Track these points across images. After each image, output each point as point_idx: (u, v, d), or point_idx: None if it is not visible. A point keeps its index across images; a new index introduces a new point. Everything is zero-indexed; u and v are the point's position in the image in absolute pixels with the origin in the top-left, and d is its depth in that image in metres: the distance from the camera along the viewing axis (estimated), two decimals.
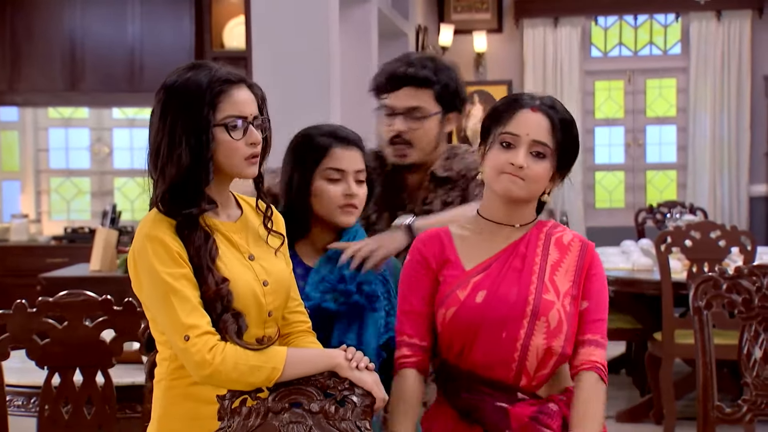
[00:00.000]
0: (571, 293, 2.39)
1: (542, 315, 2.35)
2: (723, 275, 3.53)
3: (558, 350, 2.37)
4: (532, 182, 2.38)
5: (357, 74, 6.24)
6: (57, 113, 9.11)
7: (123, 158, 9.08)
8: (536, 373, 2.38)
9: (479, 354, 2.38)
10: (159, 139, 2.26)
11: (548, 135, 2.38)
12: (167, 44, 8.19)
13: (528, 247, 2.43)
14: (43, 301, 3.07)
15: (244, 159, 2.28)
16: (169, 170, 2.25)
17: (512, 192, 2.39)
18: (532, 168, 2.37)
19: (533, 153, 2.38)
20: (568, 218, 7.33)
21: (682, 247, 5.65)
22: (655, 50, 9.89)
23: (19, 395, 3.46)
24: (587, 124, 9.89)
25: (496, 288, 2.39)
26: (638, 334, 6.29)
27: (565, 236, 2.46)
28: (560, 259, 2.41)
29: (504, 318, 2.36)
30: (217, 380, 2.16)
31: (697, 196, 9.43)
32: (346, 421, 2.09)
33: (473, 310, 2.37)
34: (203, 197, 2.27)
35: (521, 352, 2.36)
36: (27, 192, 9.01)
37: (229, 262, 2.28)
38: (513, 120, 2.39)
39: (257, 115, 2.30)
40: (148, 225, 2.26)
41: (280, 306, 2.38)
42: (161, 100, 2.27)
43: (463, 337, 2.39)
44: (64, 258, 8.00)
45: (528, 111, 2.39)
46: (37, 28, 8.32)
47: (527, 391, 2.39)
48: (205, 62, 2.32)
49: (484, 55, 9.76)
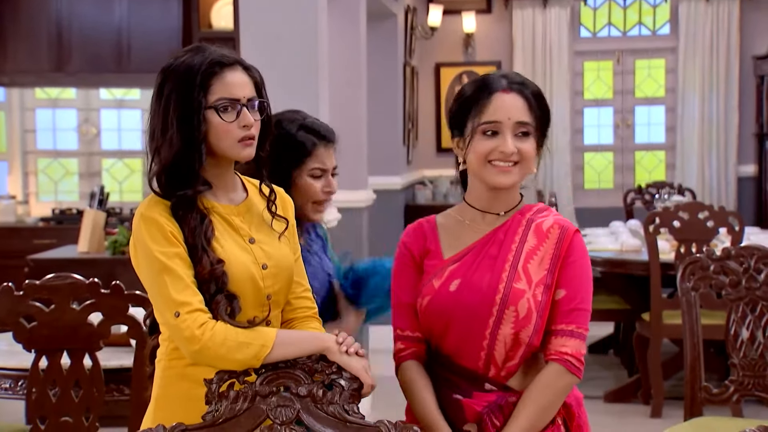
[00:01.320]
0: (545, 282, 2.34)
1: (511, 304, 2.32)
2: (710, 256, 3.54)
3: (525, 340, 2.33)
4: (524, 163, 2.36)
5: (345, 55, 6.22)
6: (44, 94, 9.06)
7: (111, 139, 9.03)
8: (505, 363, 2.35)
9: (452, 342, 2.37)
10: (154, 121, 2.28)
11: (527, 113, 2.36)
12: (155, 25, 8.16)
13: (507, 234, 2.40)
14: (30, 284, 3.06)
15: (237, 141, 2.28)
16: (163, 152, 2.26)
17: (504, 183, 2.37)
18: (522, 150, 2.35)
19: (518, 134, 2.36)
20: (557, 199, 7.33)
21: (670, 227, 5.67)
22: (644, 30, 9.88)
23: (7, 378, 3.46)
24: (576, 104, 9.89)
25: (470, 276, 2.37)
26: (626, 315, 6.31)
27: (546, 222, 2.41)
28: (537, 246, 2.37)
29: (475, 306, 2.34)
30: (206, 356, 2.17)
31: (686, 176, 9.44)
32: (333, 404, 2.08)
33: (446, 298, 2.36)
34: (198, 179, 2.28)
35: (489, 341, 2.33)
36: (14, 173, 8.97)
37: (226, 244, 2.29)
38: (489, 107, 2.35)
39: (252, 98, 2.30)
40: (144, 206, 2.28)
41: (281, 290, 2.38)
42: (158, 82, 2.29)
43: (438, 325, 2.38)
44: (51, 239, 7.97)
45: (501, 94, 2.36)
46: (23, 8, 8.26)
47: (496, 381, 2.37)
48: (204, 45, 2.33)
49: (473, 36, 9.73)
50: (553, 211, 2.48)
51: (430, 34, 9.54)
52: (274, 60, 4.68)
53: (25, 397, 3.16)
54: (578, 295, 2.36)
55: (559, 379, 2.31)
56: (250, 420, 2.08)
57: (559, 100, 9.56)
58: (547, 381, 2.32)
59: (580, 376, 2.33)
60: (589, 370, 6.77)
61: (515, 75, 2.42)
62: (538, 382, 2.32)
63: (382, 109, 7.99)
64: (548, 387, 2.31)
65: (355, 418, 2.07)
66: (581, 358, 2.34)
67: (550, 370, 2.32)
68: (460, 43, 9.76)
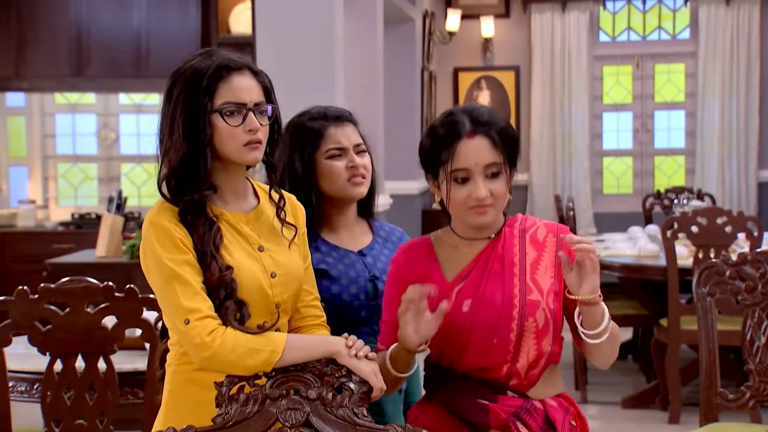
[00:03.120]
0: (554, 289, 2.38)
1: (530, 316, 2.34)
2: (726, 262, 3.52)
3: (548, 349, 2.36)
4: (498, 203, 2.38)
5: (362, 59, 6.23)
6: (64, 99, 9.11)
7: (130, 144, 9.07)
8: (528, 372, 2.37)
9: (471, 360, 2.38)
10: (163, 125, 2.30)
11: (494, 153, 2.36)
12: (173, 30, 8.18)
13: (505, 248, 2.42)
14: (45, 288, 3.07)
15: (243, 145, 2.27)
16: (170, 155, 2.27)
17: (485, 222, 2.39)
18: (494, 191, 2.37)
19: (489, 175, 2.37)
20: (574, 204, 7.30)
21: (688, 233, 5.63)
22: (663, 35, 9.85)
23: (23, 381, 3.47)
24: (595, 109, 9.86)
25: (480, 294, 2.37)
26: (644, 320, 6.28)
27: (539, 232, 2.44)
28: (538, 257, 2.40)
29: (493, 323, 2.34)
30: (216, 363, 2.17)
31: (706, 181, 9.40)
32: (343, 407, 2.08)
33: (461, 319, 2.36)
34: (204, 183, 2.27)
35: (513, 354, 2.35)
36: (34, 178, 9.02)
37: (235, 252, 2.29)
38: (456, 155, 2.36)
39: (260, 102, 2.30)
40: (153, 212, 2.29)
41: (290, 298, 2.38)
42: (167, 85, 2.30)
43: (454, 346, 2.38)
44: (71, 244, 8.00)
45: (467, 140, 2.36)
46: (43, 14, 8.31)
47: (517, 390, 2.38)
48: (214, 49, 2.34)
49: (491, 41, 9.72)
50: (537, 220, 2.51)
51: (448, 38, 9.53)
52: (290, 64, 4.70)
53: (40, 401, 3.17)
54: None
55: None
56: (260, 423, 2.08)
57: (577, 104, 9.54)
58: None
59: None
60: (607, 376, 6.76)
61: (480, 113, 2.40)
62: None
63: (400, 113, 8.00)
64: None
65: (365, 422, 2.07)
66: None
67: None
68: (478, 47, 9.75)
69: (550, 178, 9.59)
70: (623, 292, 6.51)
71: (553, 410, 2.36)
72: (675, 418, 5.68)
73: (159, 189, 2.32)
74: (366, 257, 2.81)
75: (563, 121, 9.57)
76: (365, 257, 2.81)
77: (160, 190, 2.32)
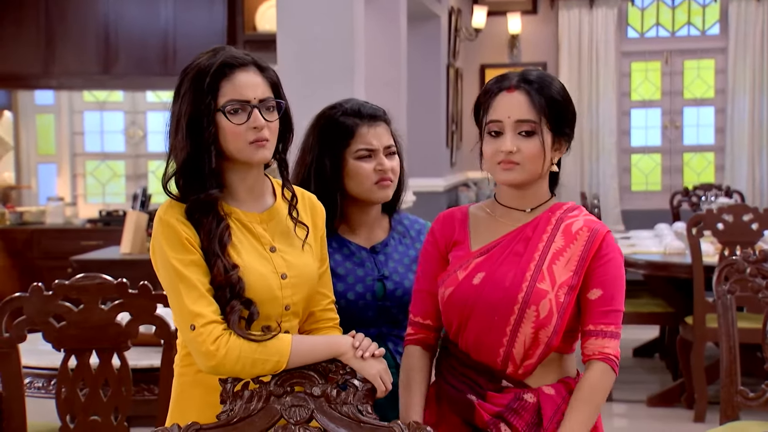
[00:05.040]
0: (570, 283, 2.32)
1: (533, 304, 2.30)
2: (747, 259, 3.48)
3: (545, 340, 2.31)
4: (527, 163, 2.34)
5: (385, 56, 6.21)
6: (92, 97, 9.17)
7: (157, 141, 9.10)
8: (523, 361, 2.33)
9: (471, 336, 2.36)
10: (171, 123, 2.27)
11: (530, 110, 2.33)
12: (200, 27, 8.22)
13: (535, 232, 2.38)
14: (59, 284, 3.09)
15: (249, 143, 2.24)
16: (176, 154, 2.25)
17: (510, 180, 2.36)
18: (523, 149, 2.33)
19: (521, 133, 2.34)
20: (599, 202, 7.24)
21: (714, 230, 5.58)
22: (693, 31, 9.76)
23: (40, 377, 3.49)
24: (623, 106, 9.79)
25: (494, 271, 2.35)
26: (670, 318, 6.23)
27: (576, 223, 2.38)
28: (564, 247, 2.35)
29: (497, 302, 2.32)
30: (222, 372, 2.16)
31: (735, 178, 9.31)
32: (347, 405, 2.08)
33: (469, 290, 2.35)
34: (211, 182, 2.24)
35: (509, 338, 2.32)
36: (63, 175, 9.09)
37: (244, 252, 2.27)
38: (493, 106, 2.35)
39: (266, 98, 2.26)
40: (162, 209, 2.27)
41: (300, 300, 2.35)
42: (177, 83, 2.28)
43: (459, 316, 2.37)
44: (98, 241, 8.06)
45: (506, 93, 2.35)
46: (71, 12, 8.37)
47: (513, 378, 2.35)
48: (221, 47, 2.30)
49: (518, 37, 9.68)
50: (583, 211, 2.45)
51: (474, 35, 9.50)
52: (310, 61, 4.69)
53: (55, 397, 3.18)
54: (616, 295, 2.35)
55: (606, 378, 2.32)
56: (264, 420, 2.09)
57: (605, 101, 9.47)
58: (595, 380, 2.31)
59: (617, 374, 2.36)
60: (633, 374, 6.72)
61: (530, 72, 2.38)
62: (587, 382, 2.31)
63: (425, 110, 7.97)
64: (597, 386, 2.31)
65: (369, 419, 2.07)
66: (619, 358, 2.36)
67: (597, 369, 2.32)
68: (505, 44, 9.70)
69: (578, 175, 9.52)
70: (648, 290, 6.46)
71: (547, 400, 2.33)
72: (701, 416, 5.64)
73: (163, 187, 2.30)
74: (378, 255, 2.76)
75: (591, 118, 9.51)
76: (377, 255, 2.76)
77: (164, 188, 2.29)
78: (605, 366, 2.31)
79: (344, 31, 4.74)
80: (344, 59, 4.73)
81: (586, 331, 2.34)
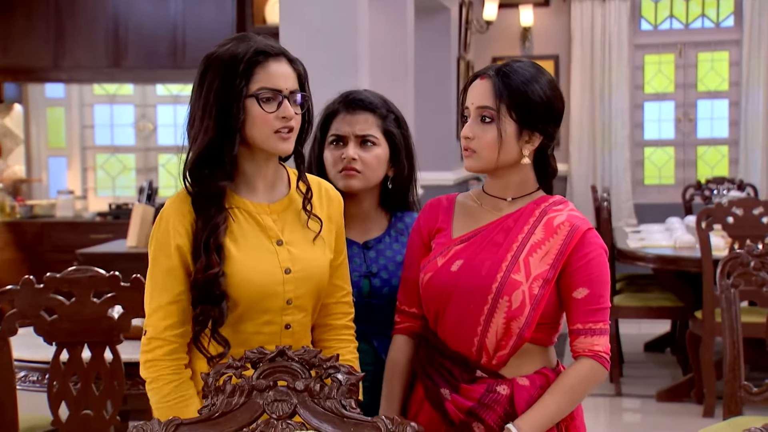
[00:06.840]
0: (545, 276, 2.31)
1: (506, 294, 2.29)
2: (751, 253, 3.43)
3: (516, 331, 2.30)
4: (482, 151, 2.34)
5: (392, 49, 6.17)
6: (102, 90, 9.17)
7: (167, 135, 9.11)
8: (496, 352, 2.33)
9: (448, 324, 2.36)
10: (194, 109, 2.25)
11: (491, 98, 2.33)
12: (209, 21, 8.19)
13: (517, 223, 2.37)
14: (50, 277, 3.07)
15: (274, 132, 2.23)
16: (199, 139, 2.22)
17: (467, 166, 2.40)
18: (480, 136, 2.34)
19: (482, 120, 2.35)
20: (609, 195, 7.18)
21: (724, 224, 5.52)
22: (707, 23, 9.67)
23: (34, 371, 3.46)
24: (636, 98, 9.71)
25: (472, 259, 2.35)
26: (680, 313, 6.17)
27: (558, 217, 2.37)
28: (543, 240, 2.34)
29: (473, 290, 2.32)
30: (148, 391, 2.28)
31: (750, 172, 9.21)
32: (331, 399, 2.04)
33: (447, 277, 2.35)
34: (224, 173, 2.23)
35: (483, 327, 2.31)
36: (73, 168, 9.09)
37: (246, 244, 2.25)
38: (467, 93, 2.39)
39: (295, 90, 2.25)
40: (170, 201, 2.27)
41: (305, 294, 2.32)
42: (200, 70, 2.25)
43: (437, 303, 2.37)
44: (108, 234, 8.05)
45: (478, 81, 2.37)
46: (81, 5, 8.36)
47: (487, 369, 2.34)
48: (249, 34, 2.29)
49: (530, 30, 9.61)
50: (569, 206, 2.43)
51: (485, 27, 9.44)
52: (313, 54, 4.64)
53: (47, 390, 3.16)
54: (602, 293, 2.35)
55: (594, 373, 2.33)
56: (246, 414, 2.04)
57: (618, 94, 9.40)
58: (582, 373, 2.32)
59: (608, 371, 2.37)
60: (644, 369, 6.67)
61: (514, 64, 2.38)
62: (574, 373, 2.32)
63: (434, 104, 7.93)
64: (583, 379, 2.32)
65: (353, 413, 2.03)
66: (609, 353, 2.36)
67: (585, 365, 2.32)
68: (517, 36, 9.64)
69: (590, 168, 9.46)
70: (658, 284, 6.41)
71: (520, 391, 2.32)
72: (710, 411, 5.58)
73: (183, 178, 2.27)
74: (369, 251, 2.68)
75: (603, 111, 9.44)
76: (368, 251, 2.68)
77: (183, 178, 2.27)
78: (594, 363, 2.33)
79: (348, 21, 4.70)
80: (348, 50, 4.70)
81: (574, 329, 2.34)
